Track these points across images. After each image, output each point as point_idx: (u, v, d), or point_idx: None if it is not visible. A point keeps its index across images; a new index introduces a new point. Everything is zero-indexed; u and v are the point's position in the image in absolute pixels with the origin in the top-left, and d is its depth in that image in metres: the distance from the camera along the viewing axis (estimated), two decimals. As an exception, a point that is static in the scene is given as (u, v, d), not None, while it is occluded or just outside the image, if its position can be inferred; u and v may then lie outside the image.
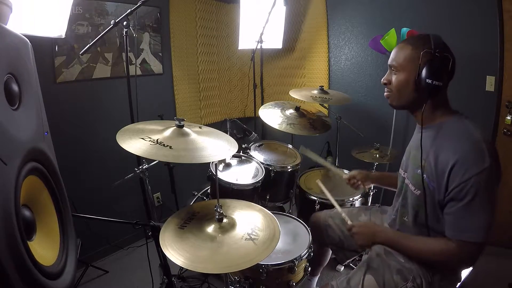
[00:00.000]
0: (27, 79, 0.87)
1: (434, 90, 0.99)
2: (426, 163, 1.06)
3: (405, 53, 1.06)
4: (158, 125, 1.30)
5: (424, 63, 1.00)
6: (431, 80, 0.98)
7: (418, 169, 1.10)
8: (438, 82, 0.98)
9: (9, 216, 0.66)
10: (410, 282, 1.13)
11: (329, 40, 2.76)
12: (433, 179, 1.04)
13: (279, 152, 2.21)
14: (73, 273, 0.94)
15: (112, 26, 1.55)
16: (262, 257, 1.07)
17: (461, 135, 1.01)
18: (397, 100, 1.13)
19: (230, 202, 1.39)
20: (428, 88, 0.99)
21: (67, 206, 1.02)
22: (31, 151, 0.82)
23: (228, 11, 2.93)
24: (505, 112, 2.08)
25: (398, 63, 1.08)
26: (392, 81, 1.11)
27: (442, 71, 0.99)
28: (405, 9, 2.32)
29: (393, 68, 1.11)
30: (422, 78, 1.00)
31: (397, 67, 1.09)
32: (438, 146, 1.04)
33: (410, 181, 1.18)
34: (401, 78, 1.08)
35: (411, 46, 1.06)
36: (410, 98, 1.08)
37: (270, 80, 3.14)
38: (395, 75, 1.10)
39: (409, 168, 1.20)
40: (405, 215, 1.22)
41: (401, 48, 1.09)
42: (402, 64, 1.07)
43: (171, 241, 1.12)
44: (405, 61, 1.06)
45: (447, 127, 1.05)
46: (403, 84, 1.07)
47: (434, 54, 0.99)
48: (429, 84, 0.98)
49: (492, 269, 1.94)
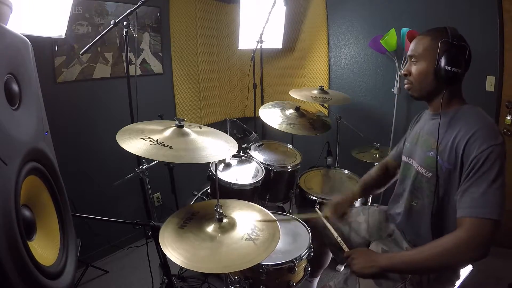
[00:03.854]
0: (27, 79, 0.87)
1: (453, 77, 1.03)
2: (440, 146, 1.08)
3: (424, 43, 1.11)
4: (158, 125, 1.30)
5: (442, 52, 1.04)
6: (450, 67, 1.02)
7: (430, 151, 1.13)
8: (457, 69, 1.02)
9: (9, 216, 0.66)
10: (408, 280, 1.14)
11: (329, 40, 2.76)
12: (448, 160, 1.06)
13: (279, 152, 2.21)
14: (73, 273, 0.94)
15: (112, 26, 1.55)
16: (262, 258, 1.07)
17: (475, 116, 1.05)
18: (418, 90, 1.16)
19: (230, 202, 1.39)
20: (447, 75, 1.03)
21: (67, 206, 1.02)
22: (31, 151, 0.82)
23: (228, 11, 2.93)
24: (505, 112, 2.08)
25: (418, 53, 1.12)
26: (412, 71, 1.15)
27: (460, 58, 1.03)
28: (405, 9, 2.32)
29: (413, 58, 1.15)
30: (442, 66, 1.04)
31: (417, 56, 1.13)
32: (454, 128, 1.07)
33: (419, 164, 1.18)
34: (421, 68, 1.12)
35: (429, 36, 1.10)
36: (430, 86, 1.12)
37: (270, 80, 3.14)
38: (415, 65, 1.14)
39: (418, 153, 1.21)
40: (413, 200, 1.22)
41: (420, 39, 1.13)
42: (421, 53, 1.11)
43: (171, 240, 1.12)
44: (425, 51, 1.10)
45: (462, 112, 1.09)
46: (423, 73, 1.11)
47: (451, 43, 1.04)
48: (448, 71, 1.03)
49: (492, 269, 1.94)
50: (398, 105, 2.43)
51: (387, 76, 2.50)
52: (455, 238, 0.97)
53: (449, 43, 1.04)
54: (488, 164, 0.96)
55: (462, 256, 0.97)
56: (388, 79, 2.48)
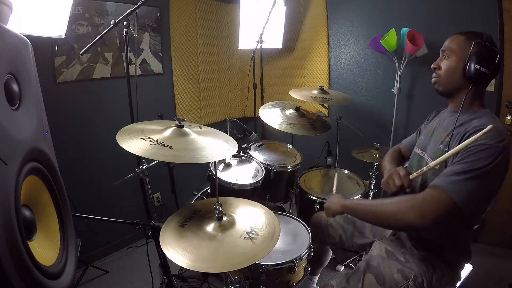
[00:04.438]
0: (27, 79, 0.87)
1: (481, 77, 1.06)
2: (452, 139, 1.10)
3: (459, 41, 1.14)
4: (158, 125, 1.30)
5: (474, 51, 1.07)
6: (479, 66, 1.05)
7: (440, 144, 1.15)
8: (486, 69, 1.04)
9: (9, 216, 0.66)
10: (411, 280, 1.14)
11: (329, 40, 2.76)
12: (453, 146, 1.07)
13: (279, 152, 2.21)
14: (73, 273, 0.94)
15: (112, 26, 1.55)
16: (260, 257, 1.07)
17: (488, 119, 1.06)
18: (444, 85, 1.18)
19: (231, 200, 1.39)
20: (475, 74, 1.06)
21: (67, 206, 1.02)
22: (31, 151, 0.82)
23: (228, 11, 2.93)
24: (505, 112, 2.08)
25: (451, 49, 1.15)
26: (442, 66, 1.17)
27: (490, 61, 1.05)
28: (405, 9, 2.32)
29: (445, 53, 1.17)
30: (472, 64, 1.06)
31: (449, 52, 1.15)
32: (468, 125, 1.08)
33: (430, 157, 1.20)
34: (451, 63, 1.14)
35: (464, 36, 1.13)
36: (457, 83, 1.13)
37: (270, 80, 3.14)
38: (446, 60, 1.16)
39: (430, 146, 1.23)
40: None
41: (455, 37, 1.16)
42: (454, 50, 1.14)
43: (171, 239, 1.12)
44: (458, 48, 1.13)
45: (479, 114, 1.10)
46: (452, 69, 1.14)
47: (484, 45, 1.07)
48: (477, 70, 1.05)
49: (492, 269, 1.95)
50: (398, 105, 2.43)
51: (387, 76, 2.51)
52: (409, 197, 1.04)
53: (482, 44, 1.07)
54: (475, 156, 0.97)
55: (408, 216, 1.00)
56: (388, 79, 2.48)
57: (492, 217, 2.26)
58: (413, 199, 1.03)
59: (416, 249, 1.21)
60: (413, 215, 0.99)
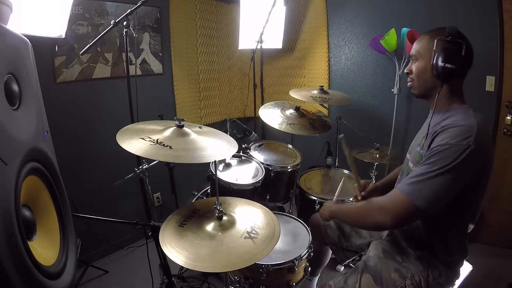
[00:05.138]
0: (27, 79, 0.87)
1: (449, 74, 1.05)
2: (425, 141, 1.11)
3: (423, 42, 1.14)
4: (158, 125, 1.30)
5: (438, 49, 1.07)
6: (443, 63, 1.04)
7: (417, 147, 1.17)
8: (451, 65, 1.04)
9: (9, 216, 0.66)
10: (409, 279, 1.14)
11: (329, 40, 2.76)
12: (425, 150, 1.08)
13: (279, 152, 2.21)
14: (73, 273, 0.94)
15: (112, 26, 1.55)
16: (260, 256, 1.07)
17: (459, 118, 1.05)
18: (418, 88, 1.19)
19: (230, 200, 1.39)
20: (443, 72, 1.05)
21: (67, 206, 1.02)
22: (31, 151, 0.82)
23: (228, 11, 2.93)
24: (505, 112, 2.08)
25: (417, 52, 1.16)
26: (413, 70, 1.18)
27: (454, 55, 1.04)
28: (405, 9, 2.32)
29: (413, 57, 1.18)
30: (437, 62, 1.06)
31: (416, 55, 1.16)
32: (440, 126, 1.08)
33: (410, 159, 1.22)
34: (419, 66, 1.15)
35: (428, 36, 1.14)
36: (429, 84, 1.14)
37: (270, 80, 3.14)
38: (415, 64, 1.17)
39: (412, 148, 1.25)
40: None
41: (420, 39, 1.17)
42: (420, 52, 1.14)
43: (171, 239, 1.12)
44: (423, 49, 1.13)
45: (452, 112, 1.10)
46: (421, 71, 1.14)
47: (447, 40, 1.06)
48: (444, 68, 1.04)
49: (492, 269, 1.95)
50: (398, 105, 2.43)
51: (387, 76, 2.50)
52: (375, 201, 1.12)
53: (444, 40, 1.06)
54: (436, 157, 0.98)
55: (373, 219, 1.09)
56: (388, 79, 2.48)
57: (492, 217, 2.26)
58: (377, 201, 1.11)
59: (411, 248, 1.21)
60: (377, 216, 1.08)
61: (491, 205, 2.23)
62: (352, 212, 1.23)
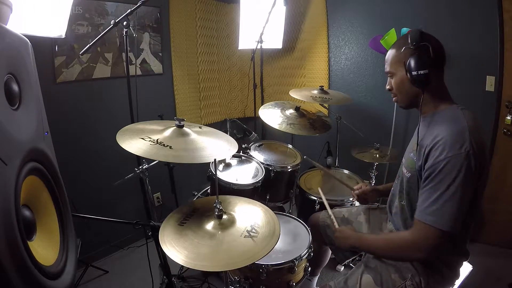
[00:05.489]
0: (27, 79, 0.87)
1: (424, 80, 1.05)
2: (418, 147, 1.12)
3: (392, 58, 1.16)
4: (158, 125, 1.30)
5: (407, 59, 1.07)
6: (416, 71, 1.05)
7: (411, 153, 1.18)
8: (424, 70, 1.04)
9: (9, 216, 0.66)
10: (409, 280, 1.14)
11: (329, 40, 2.76)
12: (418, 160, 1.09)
13: (279, 152, 2.21)
14: (73, 273, 0.94)
15: (112, 26, 1.55)
16: (260, 255, 1.07)
17: (448, 122, 1.05)
18: (402, 101, 1.20)
19: (230, 199, 1.39)
20: (418, 79, 1.06)
21: (67, 206, 1.02)
22: (31, 151, 0.82)
23: (228, 11, 2.93)
24: (505, 112, 2.08)
25: (390, 69, 1.18)
26: (392, 85, 1.20)
27: (424, 60, 1.05)
28: (405, 9, 2.32)
29: (388, 74, 1.20)
30: (410, 73, 1.07)
31: (390, 71, 1.18)
32: (431, 131, 1.09)
33: (404, 164, 1.23)
34: (397, 80, 1.17)
35: (394, 49, 1.16)
36: (411, 94, 1.14)
37: (270, 80, 3.14)
38: (392, 79, 1.19)
39: (406, 154, 1.26)
40: (402, 199, 1.24)
41: (388, 55, 1.19)
42: (392, 67, 1.17)
43: (171, 238, 1.12)
44: (394, 64, 1.16)
45: (439, 115, 1.10)
46: (400, 84, 1.16)
47: (411, 48, 1.07)
48: (418, 75, 1.05)
49: (492, 269, 1.95)
50: (398, 105, 2.42)
51: (387, 76, 2.50)
52: (403, 238, 1.09)
53: (409, 49, 1.07)
54: (442, 174, 0.97)
55: (406, 255, 1.10)
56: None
57: (492, 218, 2.26)
58: (404, 237, 1.09)
59: None
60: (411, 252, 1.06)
61: (491, 205, 2.23)
62: (379, 247, 1.17)
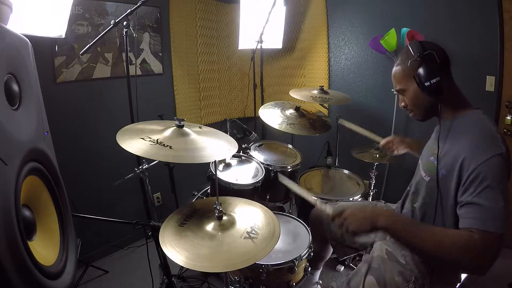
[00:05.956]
0: (27, 79, 0.87)
1: (438, 87, 1.04)
2: (441, 152, 1.09)
3: (399, 74, 1.15)
4: (158, 125, 1.30)
5: (416, 72, 1.07)
6: (428, 81, 1.03)
7: (431, 156, 1.15)
8: (435, 78, 1.03)
9: (9, 216, 0.66)
10: (412, 283, 1.13)
11: (329, 40, 2.76)
12: (445, 167, 1.06)
13: (279, 152, 2.21)
14: (73, 273, 0.94)
15: (112, 26, 1.55)
16: (260, 256, 1.07)
17: (475, 126, 1.04)
18: (419, 114, 1.18)
19: (231, 200, 1.39)
20: (431, 89, 1.04)
21: (67, 206, 1.02)
22: (31, 151, 0.82)
23: (228, 11, 2.93)
24: (505, 112, 2.08)
25: (400, 86, 1.17)
26: (407, 102, 1.18)
27: (433, 68, 1.04)
28: (405, 9, 2.32)
29: (399, 92, 1.19)
30: (422, 84, 1.05)
31: (401, 90, 1.17)
32: (451, 138, 1.08)
33: (422, 167, 1.22)
34: (409, 95, 1.15)
35: (399, 66, 1.15)
36: (427, 105, 1.13)
37: (270, 80, 3.14)
38: (404, 96, 1.18)
39: (423, 156, 1.24)
40: (415, 201, 1.24)
41: (394, 74, 1.18)
42: (402, 85, 1.15)
43: (171, 239, 1.12)
44: (403, 80, 1.14)
45: (463, 120, 1.09)
46: (414, 99, 1.14)
47: (417, 60, 1.06)
48: (431, 85, 1.03)
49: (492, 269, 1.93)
50: (398, 105, 2.43)
51: (387, 76, 2.49)
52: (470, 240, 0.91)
53: (416, 60, 1.06)
54: (489, 178, 0.93)
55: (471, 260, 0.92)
56: (388, 79, 2.43)
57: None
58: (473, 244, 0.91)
59: None
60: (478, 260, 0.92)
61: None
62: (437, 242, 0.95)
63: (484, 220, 0.92)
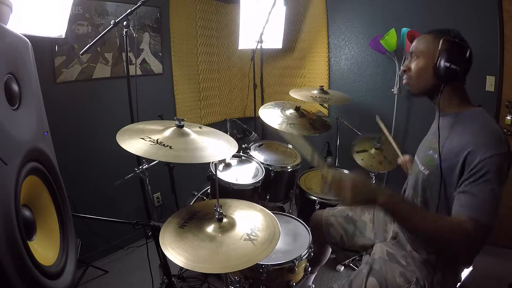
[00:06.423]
0: (27, 79, 0.87)
1: (452, 74, 1.03)
2: (441, 146, 1.08)
3: (426, 41, 1.12)
4: (158, 125, 1.30)
5: (443, 49, 1.05)
6: (449, 64, 1.03)
7: (429, 150, 1.14)
8: (456, 66, 1.02)
9: (9, 216, 0.66)
10: (413, 284, 1.13)
11: (329, 40, 2.76)
12: (446, 161, 1.05)
13: (279, 152, 2.21)
14: (73, 273, 0.94)
15: (112, 26, 1.55)
16: (260, 258, 1.07)
17: (480, 123, 1.04)
18: (416, 86, 1.16)
19: (231, 202, 1.39)
20: (446, 72, 1.04)
21: (67, 206, 1.02)
22: (31, 151, 0.82)
23: (228, 11, 2.93)
24: (505, 112, 2.08)
25: (419, 49, 1.13)
26: (412, 67, 1.15)
27: (460, 57, 1.04)
28: (405, 9, 2.32)
29: (414, 54, 1.15)
30: (441, 62, 1.04)
31: (417, 53, 1.14)
32: (455, 132, 1.06)
33: (420, 161, 1.20)
34: (420, 64, 1.12)
35: (432, 35, 1.11)
36: (429, 83, 1.12)
37: (270, 80, 3.14)
38: (415, 61, 1.15)
39: (421, 150, 1.23)
40: (415, 197, 1.23)
41: (422, 37, 1.15)
42: (422, 50, 1.12)
43: (171, 240, 1.12)
44: (426, 48, 1.11)
45: (466, 116, 1.08)
46: (422, 69, 1.12)
47: (453, 41, 1.05)
48: (448, 68, 1.03)
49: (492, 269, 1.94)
50: (398, 105, 2.43)
51: (387, 76, 2.50)
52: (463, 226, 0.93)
53: (450, 41, 1.05)
54: (490, 173, 0.94)
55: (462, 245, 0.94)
56: (388, 79, 2.48)
57: (492, 217, 2.25)
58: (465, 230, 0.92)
59: (416, 252, 1.21)
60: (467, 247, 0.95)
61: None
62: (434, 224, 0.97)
63: (474, 208, 0.95)
